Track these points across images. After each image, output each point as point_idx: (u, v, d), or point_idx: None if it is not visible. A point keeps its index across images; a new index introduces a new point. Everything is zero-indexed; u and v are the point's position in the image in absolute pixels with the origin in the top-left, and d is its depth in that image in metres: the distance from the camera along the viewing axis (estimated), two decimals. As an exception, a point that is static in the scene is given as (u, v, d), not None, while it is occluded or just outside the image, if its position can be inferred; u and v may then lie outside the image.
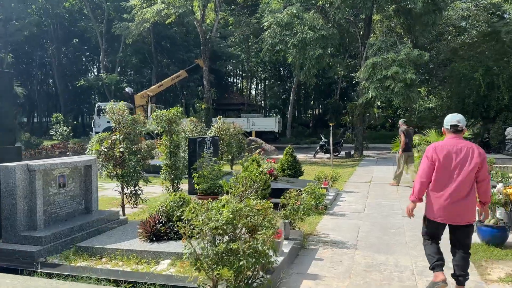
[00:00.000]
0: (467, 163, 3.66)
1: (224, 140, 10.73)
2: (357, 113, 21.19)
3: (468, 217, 3.73)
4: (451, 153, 3.71)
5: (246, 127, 27.26)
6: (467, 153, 3.69)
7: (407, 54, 17.52)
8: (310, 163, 17.60)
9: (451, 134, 3.84)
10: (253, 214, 3.32)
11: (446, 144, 3.78)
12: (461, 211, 3.69)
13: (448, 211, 3.70)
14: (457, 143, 3.76)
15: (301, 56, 18.53)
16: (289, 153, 10.36)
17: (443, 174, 3.72)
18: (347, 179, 12.52)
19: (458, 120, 3.82)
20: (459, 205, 3.67)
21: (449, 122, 3.85)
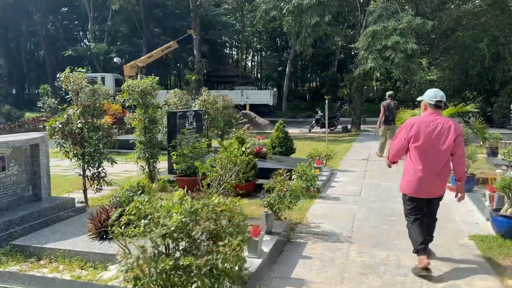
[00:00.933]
0: (443, 138, 3.76)
1: (210, 114, 9.83)
2: (355, 86, 20.22)
3: (441, 190, 3.93)
4: (429, 128, 3.79)
5: (240, 100, 26.26)
6: (444, 128, 3.78)
7: (409, 23, 16.42)
8: (304, 138, 16.77)
9: (432, 109, 3.89)
10: (215, 217, 2.48)
11: (426, 119, 3.85)
12: (436, 185, 3.85)
13: (425, 186, 3.83)
14: (436, 119, 3.83)
15: (296, 24, 17.40)
16: (280, 129, 9.50)
17: (421, 149, 3.81)
18: (342, 156, 11.72)
19: (442, 96, 3.90)
20: (435, 179, 3.81)
21: (433, 98, 3.89)
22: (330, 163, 9.78)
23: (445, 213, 5.83)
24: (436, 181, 3.83)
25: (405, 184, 3.97)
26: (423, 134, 3.79)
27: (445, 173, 3.86)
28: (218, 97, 13.90)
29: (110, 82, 27.91)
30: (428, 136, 3.78)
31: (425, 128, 3.80)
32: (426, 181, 3.81)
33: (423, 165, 3.80)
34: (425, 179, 3.80)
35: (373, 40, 16.60)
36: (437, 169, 3.79)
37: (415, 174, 3.84)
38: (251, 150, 8.11)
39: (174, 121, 8.07)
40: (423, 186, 3.83)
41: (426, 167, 3.79)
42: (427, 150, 3.79)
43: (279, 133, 9.46)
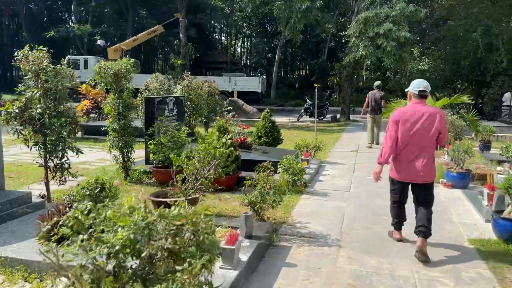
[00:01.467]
0: (429, 127, 3.93)
1: (193, 100, 9.25)
2: (345, 74, 19.74)
3: (429, 176, 4.05)
4: (415, 117, 3.96)
5: (228, 87, 25.67)
6: (429, 117, 3.94)
7: (402, 10, 15.90)
8: (293, 128, 16.29)
9: (416, 99, 4.07)
10: (174, 232, 1.97)
11: (410, 109, 4.03)
12: (423, 171, 3.98)
13: (411, 171, 4.02)
14: (421, 108, 3.99)
15: (286, 9, 16.78)
16: (267, 118, 8.98)
17: (407, 137, 3.99)
18: (331, 147, 11.27)
19: (425, 86, 4.04)
20: (421, 165, 3.97)
21: (417, 88, 4.05)
22: (319, 154, 9.32)
23: (442, 212, 5.42)
24: (420, 167, 3.99)
25: (393, 168, 4.22)
26: (408, 123, 3.97)
27: (430, 160, 4.03)
28: (204, 83, 13.34)
29: (93, 65, 26.89)
30: (413, 124, 3.96)
31: (410, 117, 3.98)
32: (410, 167, 4.03)
33: (408, 152, 4.03)
34: (410, 165, 4.04)
35: (365, 27, 16.07)
36: (422, 156, 3.99)
37: (400, 160, 4.09)
38: (234, 140, 7.60)
39: (152, 108, 7.49)
40: (407, 171, 4.07)
41: (411, 154, 4.02)
42: (412, 138, 3.98)
43: (265, 122, 8.95)
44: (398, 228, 4.41)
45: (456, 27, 19.51)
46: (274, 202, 4.39)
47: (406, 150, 4.02)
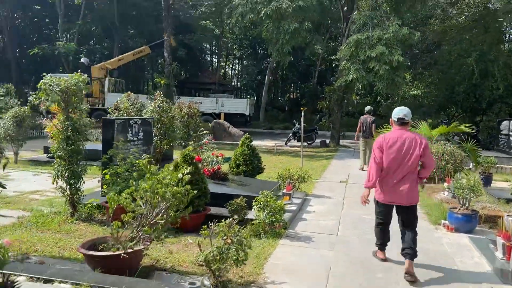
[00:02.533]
0: (409, 152, 4.13)
1: (164, 123, 8.27)
2: (335, 98, 18.96)
3: (413, 198, 4.23)
4: (397, 143, 4.16)
5: (215, 109, 24.77)
6: (410, 143, 4.15)
7: (395, 33, 15.26)
8: (279, 153, 15.33)
9: (397, 126, 4.26)
10: None
11: (393, 136, 4.22)
12: (404, 194, 4.18)
13: (396, 194, 4.22)
14: (402, 134, 4.19)
15: (274, 30, 16.05)
16: (246, 144, 8.01)
17: (391, 162, 4.18)
18: (319, 176, 10.30)
19: (404, 114, 4.22)
20: (404, 189, 4.17)
21: (397, 115, 4.26)
22: (304, 186, 8.34)
23: (448, 267, 4.43)
24: (403, 191, 4.18)
25: (378, 192, 4.38)
26: (391, 149, 4.16)
27: (412, 183, 4.20)
28: (183, 104, 12.44)
29: (75, 83, 25.96)
30: (395, 150, 4.15)
31: (393, 143, 4.17)
32: (395, 190, 4.22)
33: (390, 177, 4.22)
34: (393, 189, 4.23)
35: (356, 50, 15.37)
36: (404, 180, 4.18)
37: (384, 184, 4.28)
38: (205, 170, 6.61)
39: (111, 131, 6.49)
40: (392, 194, 4.25)
41: (394, 178, 4.20)
42: (394, 163, 4.17)
43: (244, 148, 7.97)
44: (382, 248, 4.59)
45: (449, 52, 18.95)
46: (237, 261, 3.36)
47: (390, 174, 4.21)
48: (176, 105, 11.31)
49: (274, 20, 15.84)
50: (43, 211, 6.05)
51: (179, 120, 12.23)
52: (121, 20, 33.57)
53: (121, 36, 33.74)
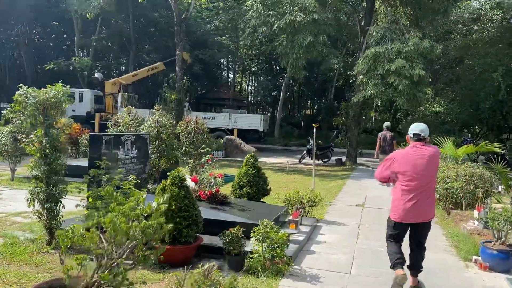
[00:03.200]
0: (430, 167, 4.07)
1: (163, 139, 7.60)
2: (352, 114, 18.15)
3: (431, 214, 4.14)
4: (415, 159, 4.05)
5: (228, 124, 24.20)
6: (430, 157, 4.06)
7: (416, 45, 14.45)
8: (291, 172, 14.53)
9: (413, 142, 4.20)
10: None
11: (410, 152, 4.13)
12: (424, 211, 4.07)
13: (415, 212, 4.04)
14: (420, 151, 4.10)
15: (288, 43, 15.42)
16: (251, 163, 7.26)
17: (409, 180, 4.04)
18: (332, 199, 9.45)
19: (421, 130, 4.15)
20: (423, 206, 4.05)
21: (413, 131, 4.20)
22: (314, 211, 7.53)
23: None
24: (422, 207, 4.04)
25: (395, 211, 4.14)
26: (407, 166, 4.05)
27: (430, 199, 4.10)
28: (190, 119, 11.86)
29: (88, 98, 25.88)
30: (415, 166, 4.03)
31: (409, 160, 4.07)
32: (415, 208, 4.03)
33: (411, 194, 4.03)
34: (414, 206, 4.02)
35: (374, 64, 14.58)
36: (423, 196, 4.04)
37: (405, 203, 4.05)
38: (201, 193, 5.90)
39: (98, 148, 5.86)
40: (412, 213, 4.05)
41: (414, 195, 4.03)
42: (414, 179, 4.02)
43: (248, 168, 7.22)
44: (401, 264, 4.11)
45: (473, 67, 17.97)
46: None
47: (411, 191, 4.04)
48: (183, 120, 10.72)
49: (288, 34, 15.23)
50: (18, 238, 5.40)
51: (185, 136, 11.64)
52: (137, 36, 33.64)
53: (137, 52, 33.69)
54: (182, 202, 4.68)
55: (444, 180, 8.00)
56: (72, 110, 25.59)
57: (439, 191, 7.94)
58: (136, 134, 6.85)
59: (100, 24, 33.05)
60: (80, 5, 27.32)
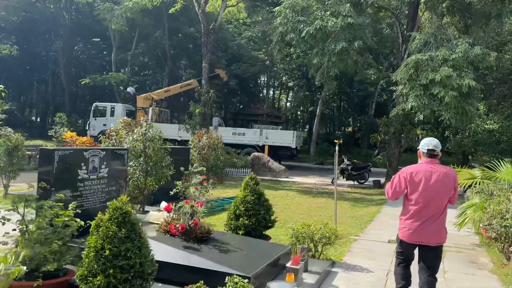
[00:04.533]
0: (441, 188, 3.77)
1: (149, 156, 6.32)
2: (391, 131, 16.29)
3: (442, 237, 3.84)
4: (428, 177, 3.79)
5: (258, 141, 22.89)
6: (444, 177, 3.78)
7: (465, 53, 12.60)
8: (320, 193, 12.90)
9: (426, 158, 3.91)
10: None
11: (420, 169, 3.87)
12: (433, 233, 3.77)
13: (421, 233, 3.78)
14: (431, 168, 3.83)
15: (319, 51, 13.97)
16: (250, 187, 5.81)
17: (417, 198, 3.80)
18: (360, 231, 7.80)
19: (434, 145, 3.90)
20: (432, 227, 3.76)
21: (426, 146, 3.92)
22: (333, 249, 5.94)
23: None
24: (432, 230, 3.78)
25: (403, 230, 3.90)
26: (421, 183, 3.79)
27: (442, 222, 3.85)
28: (204, 133, 10.66)
29: (120, 113, 25.46)
30: (427, 184, 3.77)
31: (423, 176, 3.80)
32: (425, 229, 3.77)
33: (421, 213, 3.79)
34: (421, 228, 3.78)
35: (416, 73, 12.82)
36: (434, 217, 3.78)
37: (414, 223, 3.81)
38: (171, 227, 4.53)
39: (49, 166, 4.66)
40: (418, 234, 3.80)
41: (423, 216, 3.78)
42: (425, 199, 3.78)
43: (247, 193, 5.77)
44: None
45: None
46: None
47: (419, 211, 3.79)
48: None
49: (318, 40, 13.79)
50: None
51: (197, 152, 10.44)
52: (172, 52, 33.34)
53: (173, 67, 33.34)
54: (121, 245, 3.32)
55: (502, 214, 6.20)
56: (103, 125, 25.30)
57: (495, 228, 6.16)
58: (108, 149, 5.62)
59: (136, 39, 33.09)
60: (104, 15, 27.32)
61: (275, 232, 6.70)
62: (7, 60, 32.11)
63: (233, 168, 18.40)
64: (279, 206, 10.23)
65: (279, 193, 12.68)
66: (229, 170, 18.36)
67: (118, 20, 25.32)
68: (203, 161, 10.42)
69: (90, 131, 25.72)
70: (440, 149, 3.93)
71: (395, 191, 3.95)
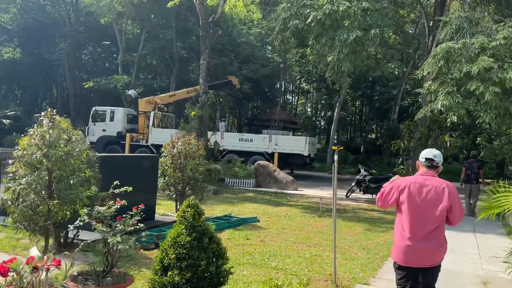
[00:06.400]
0: (435, 202, 3.41)
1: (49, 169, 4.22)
2: (417, 136, 13.89)
3: (435, 259, 3.46)
4: (420, 190, 3.44)
5: (268, 148, 20.71)
6: (436, 191, 3.42)
7: (508, 40, 10.17)
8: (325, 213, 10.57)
9: (424, 168, 3.58)
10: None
11: (415, 180, 3.52)
12: (428, 253, 3.41)
13: (415, 253, 3.40)
14: (427, 180, 3.48)
15: (328, 41, 11.77)
16: (187, 220, 3.65)
17: (410, 213, 3.44)
18: (370, 278, 5.50)
19: (434, 155, 3.57)
20: (429, 246, 3.38)
21: (425, 155, 3.60)
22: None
23: None
24: (428, 249, 3.38)
25: (395, 250, 3.54)
26: (413, 197, 3.43)
27: (438, 240, 3.42)
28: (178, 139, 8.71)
29: (120, 117, 23.71)
30: (418, 199, 3.42)
31: (415, 190, 3.45)
32: (415, 249, 3.39)
33: (412, 231, 3.41)
34: (414, 246, 3.39)
35: (447, 65, 10.45)
36: (428, 235, 3.39)
37: (404, 241, 3.44)
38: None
39: None
40: (412, 254, 3.40)
41: (415, 233, 3.40)
42: (416, 215, 3.43)
43: (181, 230, 3.61)
44: None
45: None
46: None
47: (413, 227, 3.40)
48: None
49: (327, 28, 11.60)
50: None
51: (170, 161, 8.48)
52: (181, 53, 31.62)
53: (180, 70, 31.58)
54: None
55: None
56: (103, 130, 23.62)
57: None
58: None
59: (144, 40, 31.56)
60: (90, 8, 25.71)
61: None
62: (12, 64, 31.10)
63: (235, 179, 16.32)
64: (272, 231, 8.06)
65: (278, 211, 10.48)
66: (230, 181, 16.27)
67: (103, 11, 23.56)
68: (178, 172, 8.36)
69: (89, 137, 24.03)
70: (441, 162, 3.56)
71: (385, 200, 3.57)
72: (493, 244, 7.82)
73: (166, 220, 8.16)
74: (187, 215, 3.63)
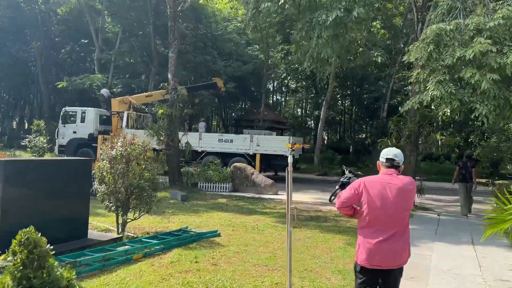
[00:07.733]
0: (403, 200, 3.33)
1: None
2: (405, 133, 12.56)
3: (402, 259, 3.35)
4: (384, 189, 3.33)
5: (248, 148, 19.28)
6: (403, 189, 3.33)
7: (507, 20, 8.85)
8: (303, 222, 9.16)
9: (385, 168, 3.46)
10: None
11: (378, 180, 3.39)
12: (396, 254, 3.30)
13: (386, 254, 3.27)
14: (389, 179, 3.37)
15: (305, 25, 10.39)
16: (18, 266, 2.23)
17: (374, 213, 3.32)
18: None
19: (394, 154, 3.47)
20: (394, 247, 3.27)
21: (385, 155, 3.49)
22: None
23: None
24: (394, 249, 3.28)
25: (359, 252, 3.37)
26: (374, 196, 3.31)
27: (403, 239, 3.32)
28: (117, 139, 7.26)
29: (92, 118, 22.05)
30: (384, 198, 3.29)
31: (376, 189, 3.33)
32: (384, 249, 3.26)
33: (377, 232, 3.30)
34: (380, 247, 3.26)
35: (438, 50, 9.10)
36: (395, 236, 3.29)
37: (369, 242, 3.30)
38: None
39: None
40: (378, 255, 3.26)
41: (382, 235, 3.29)
42: (382, 216, 3.31)
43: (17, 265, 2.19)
44: None
45: None
46: None
47: (377, 229, 3.29)
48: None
49: (303, 10, 10.21)
50: None
51: (108, 166, 7.03)
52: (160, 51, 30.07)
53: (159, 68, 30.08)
54: None
55: None
56: (73, 132, 22.03)
57: None
58: None
59: (120, 38, 30.04)
60: None
61: None
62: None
63: (209, 183, 14.82)
64: (231, 249, 6.63)
65: (247, 221, 9.05)
66: (204, 186, 14.80)
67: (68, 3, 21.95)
68: (118, 179, 6.90)
69: (59, 140, 22.42)
70: (402, 161, 3.43)
71: (343, 203, 3.38)
72: (497, 260, 6.45)
73: (103, 239, 6.69)
74: (16, 259, 2.17)
